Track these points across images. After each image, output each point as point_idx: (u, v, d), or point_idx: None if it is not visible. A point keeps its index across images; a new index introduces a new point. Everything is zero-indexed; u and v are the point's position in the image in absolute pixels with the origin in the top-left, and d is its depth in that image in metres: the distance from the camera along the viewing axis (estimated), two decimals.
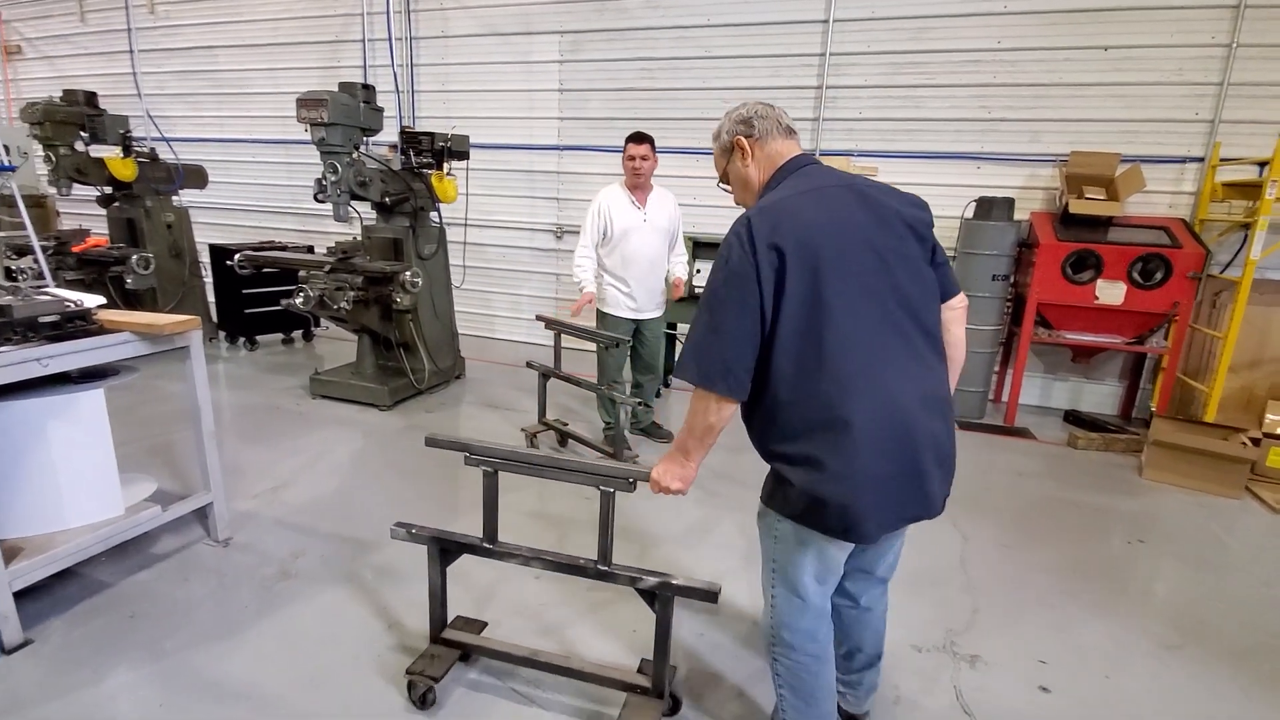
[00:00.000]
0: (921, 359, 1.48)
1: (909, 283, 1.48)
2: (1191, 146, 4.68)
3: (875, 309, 1.44)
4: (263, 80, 7.19)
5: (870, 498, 1.41)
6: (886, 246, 1.47)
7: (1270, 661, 2.35)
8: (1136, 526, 3.35)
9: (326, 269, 4.25)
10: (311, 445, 3.94)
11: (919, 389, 1.46)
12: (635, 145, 3.65)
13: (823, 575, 1.59)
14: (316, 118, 4.03)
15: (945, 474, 1.51)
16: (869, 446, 1.40)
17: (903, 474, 1.43)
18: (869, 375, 1.41)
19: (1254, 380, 4.61)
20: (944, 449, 1.50)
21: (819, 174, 1.59)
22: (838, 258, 1.43)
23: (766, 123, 1.63)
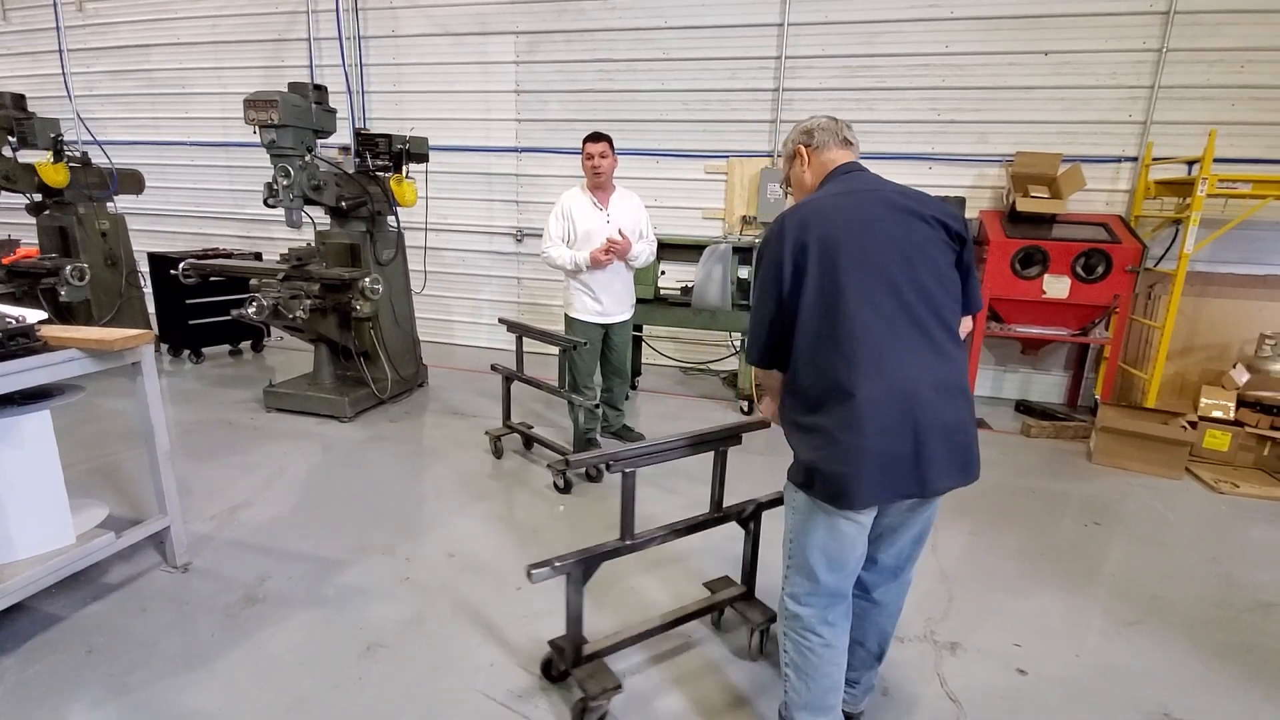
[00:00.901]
0: (939, 349, 1.56)
1: (930, 280, 1.58)
2: (1126, 147, 4.94)
3: (893, 300, 1.54)
4: (202, 80, 6.88)
5: (863, 469, 1.50)
6: (911, 244, 1.59)
7: (1222, 632, 2.49)
8: (1090, 509, 3.51)
9: (280, 276, 4.08)
10: (269, 461, 3.78)
11: (932, 376, 1.53)
12: (592, 144, 3.61)
13: (835, 555, 1.64)
14: (266, 119, 3.87)
15: (955, 459, 1.56)
16: (871, 422, 1.49)
17: (901, 452, 1.51)
18: (879, 357, 1.51)
19: (1187, 366, 4.90)
20: (956, 436, 1.55)
21: (857, 180, 1.72)
22: (859, 252, 1.56)
23: (826, 134, 1.79)
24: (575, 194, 3.75)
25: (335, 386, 4.51)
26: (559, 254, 3.70)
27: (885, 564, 1.78)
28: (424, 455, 3.98)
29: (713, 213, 5.79)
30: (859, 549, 1.66)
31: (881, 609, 1.83)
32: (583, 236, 3.68)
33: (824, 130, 1.79)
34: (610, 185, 3.76)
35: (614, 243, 3.58)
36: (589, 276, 3.73)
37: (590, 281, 3.74)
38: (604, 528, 3.14)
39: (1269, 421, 4.03)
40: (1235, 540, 3.22)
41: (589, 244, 3.68)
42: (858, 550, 1.66)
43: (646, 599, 2.60)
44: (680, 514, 2.34)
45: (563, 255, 3.69)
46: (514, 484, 3.58)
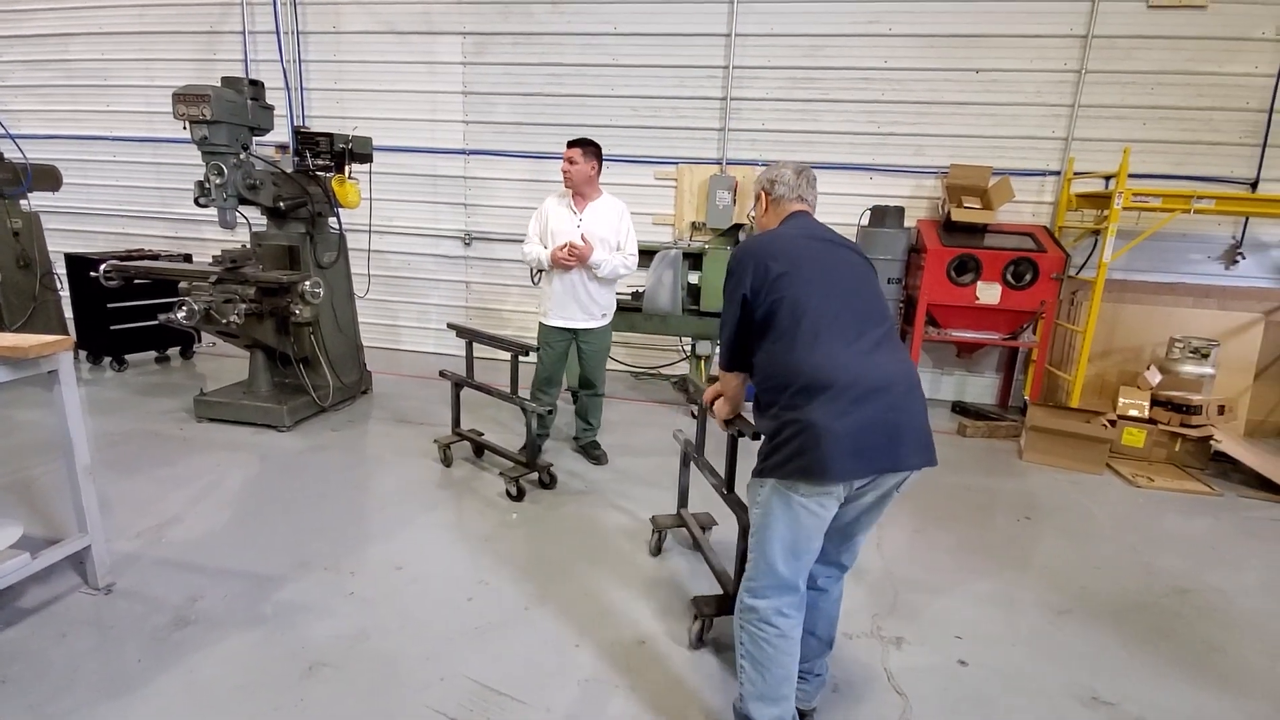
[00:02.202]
0: (890, 345, 1.79)
1: (872, 300, 1.87)
2: (1050, 161, 5.23)
3: (851, 311, 1.79)
4: (126, 72, 6.51)
5: (842, 443, 1.63)
6: (854, 272, 1.89)
7: (1143, 618, 2.66)
8: (1022, 505, 3.69)
9: (213, 279, 3.90)
10: (200, 474, 3.59)
11: (900, 372, 1.74)
12: (568, 149, 3.61)
13: (794, 547, 1.75)
14: (197, 115, 3.70)
15: (920, 443, 1.72)
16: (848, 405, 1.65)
17: (877, 434, 1.66)
18: (844, 346, 1.72)
19: (1106, 368, 5.21)
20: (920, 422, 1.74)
21: (809, 223, 2.01)
22: (821, 272, 1.83)
23: (785, 188, 2.04)
24: (554, 197, 3.77)
25: (272, 394, 4.32)
26: (530, 249, 3.73)
27: (838, 560, 1.93)
28: (369, 465, 3.86)
29: (663, 218, 5.84)
30: (815, 542, 1.76)
31: (828, 596, 1.96)
32: (551, 237, 3.66)
33: (785, 185, 2.03)
34: (594, 191, 3.69)
35: (574, 246, 3.53)
36: (556, 280, 3.68)
37: (555, 285, 3.70)
38: (559, 535, 3.12)
39: (1179, 419, 4.33)
40: (1152, 531, 3.44)
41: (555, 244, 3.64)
42: (814, 543, 1.76)
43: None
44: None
45: (533, 251, 3.70)
46: (464, 493, 3.51)
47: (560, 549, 2.99)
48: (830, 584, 1.95)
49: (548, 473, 3.56)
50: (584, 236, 3.57)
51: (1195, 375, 4.49)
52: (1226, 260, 5.18)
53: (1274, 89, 4.85)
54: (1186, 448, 4.30)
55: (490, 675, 2.15)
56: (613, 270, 3.68)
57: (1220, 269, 5.20)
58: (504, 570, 2.78)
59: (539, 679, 2.15)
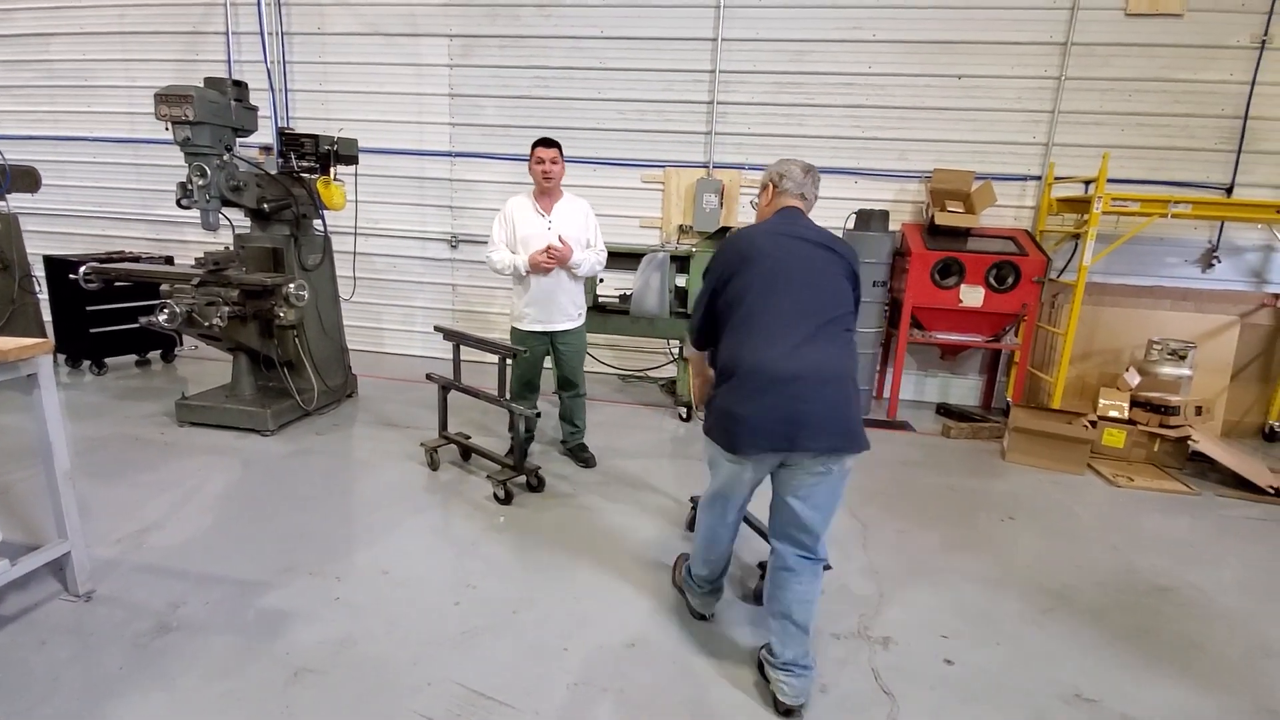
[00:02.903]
0: (823, 338, 2.00)
1: (824, 288, 2.08)
2: (1031, 166, 5.31)
3: (787, 301, 2.03)
4: (108, 72, 6.43)
5: (744, 425, 1.97)
6: (815, 269, 2.10)
7: (1124, 616, 2.70)
8: (1005, 505, 3.73)
9: (195, 282, 3.85)
10: (183, 479, 3.55)
11: (814, 361, 1.96)
12: (544, 149, 3.55)
13: (727, 485, 2.19)
14: (180, 115, 3.67)
15: (832, 428, 1.95)
16: (757, 394, 1.96)
17: (775, 416, 1.93)
18: (772, 345, 1.98)
19: (1086, 370, 5.29)
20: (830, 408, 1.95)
21: (794, 220, 2.22)
22: (777, 267, 2.07)
23: (791, 183, 2.27)
24: (520, 199, 3.69)
25: (256, 398, 4.28)
26: (499, 257, 3.63)
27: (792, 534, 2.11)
28: (354, 469, 3.83)
29: (650, 221, 5.85)
30: (742, 489, 2.18)
31: (798, 576, 2.10)
32: (521, 242, 3.61)
33: (792, 180, 2.26)
34: (558, 192, 3.68)
35: (554, 249, 3.53)
36: (533, 283, 3.64)
37: (532, 289, 3.66)
38: (547, 538, 3.11)
39: (1158, 420, 4.40)
40: (1133, 530, 3.49)
41: (527, 250, 3.60)
42: (741, 489, 2.18)
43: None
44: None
45: (504, 259, 3.62)
46: (451, 496, 3.50)
47: (548, 552, 2.99)
48: (799, 565, 2.10)
49: (535, 475, 3.55)
50: (560, 238, 3.55)
51: (1173, 377, 4.57)
52: (1203, 264, 5.29)
53: (1248, 95, 4.96)
54: (1165, 448, 4.37)
55: (478, 680, 2.14)
56: (590, 269, 3.72)
57: (1197, 272, 5.30)
58: (492, 574, 2.76)
59: (527, 683, 2.15)
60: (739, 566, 2.87)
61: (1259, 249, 5.22)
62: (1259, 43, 4.89)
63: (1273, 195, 5.03)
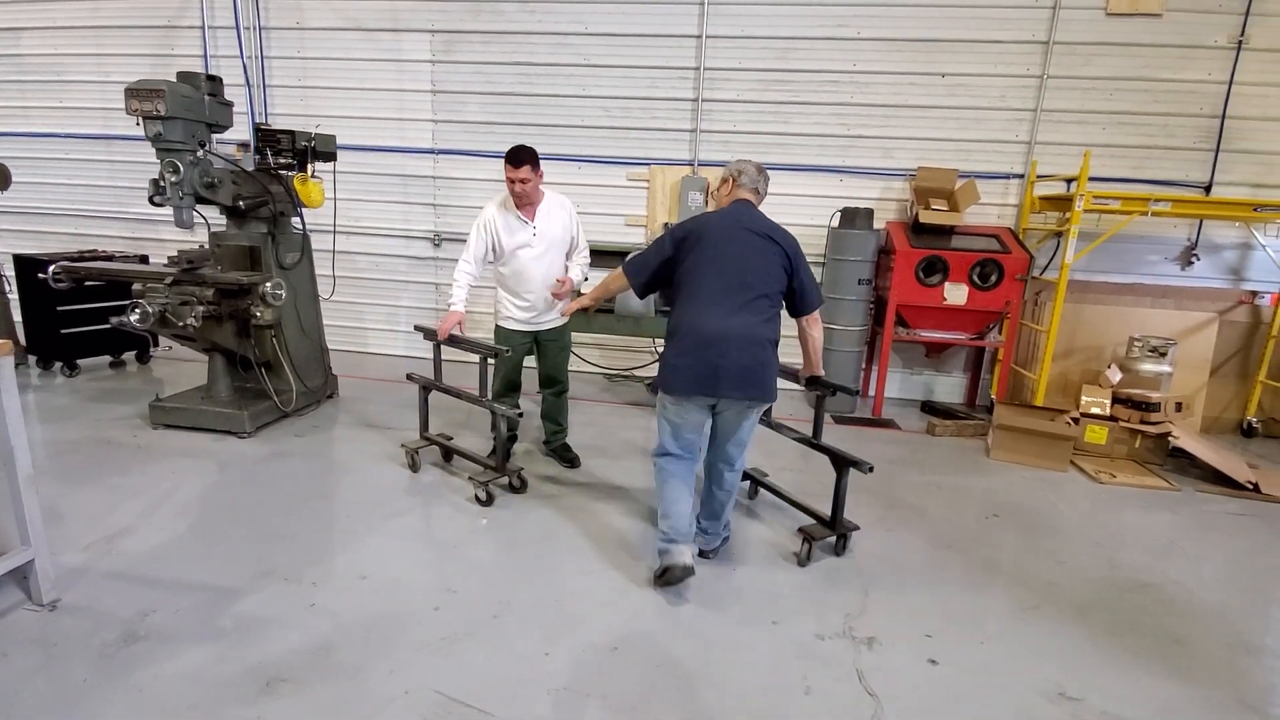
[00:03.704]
0: (744, 312, 2.53)
1: (757, 270, 2.59)
2: (1014, 164, 5.33)
3: (726, 281, 2.56)
4: (81, 67, 6.29)
5: (679, 373, 2.56)
6: (753, 251, 2.60)
7: (1107, 613, 2.70)
8: (990, 502, 3.74)
9: (169, 281, 3.76)
10: (156, 483, 3.46)
11: (738, 327, 2.51)
12: (514, 169, 3.34)
13: (676, 429, 2.70)
14: (151, 110, 3.58)
15: (746, 381, 2.51)
16: (691, 349, 2.53)
17: (704, 368, 2.50)
18: (708, 313, 2.53)
19: (1069, 367, 5.32)
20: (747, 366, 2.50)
21: (744, 211, 2.70)
22: (717, 250, 2.59)
23: (748, 179, 2.76)
24: (498, 210, 3.55)
25: (233, 399, 4.19)
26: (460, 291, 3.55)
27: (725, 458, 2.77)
28: (334, 471, 3.76)
29: (635, 219, 5.81)
30: (688, 432, 2.68)
31: (721, 480, 2.82)
32: (510, 252, 3.53)
33: (747, 177, 2.75)
34: (537, 196, 3.56)
35: (558, 294, 3.59)
36: (520, 286, 3.59)
37: (521, 290, 3.60)
38: (529, 540, 3.06)
39: (1139, 416, 4.43)
40: (1115, 526, 3.51)
41: (515, 259, 3.54)
42: (686, 433, 2.68)
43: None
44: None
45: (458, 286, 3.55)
46: (432, 499, 3.44)
47: (530, 554, 2.94)
48: (722, 471, 2.79)
49: (518, 477, 3.50)
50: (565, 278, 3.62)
51: (1154, 373, 4.61)
52: (1182, 261, 5.34)
53: (1226, 95, 5.00)
54: (1146, 444, 4.40)
55: (457, 687, 2.10)
56: (582, 273, 3.74)
57: (1177, 270, 5.35)
58: (473, 577, 2.72)
59: (508, 690, 2.10)
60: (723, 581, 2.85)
61: (1236, 247, 5.28)
62: (1236, 43, 4.94)
63: (1250, 194, 5.09)
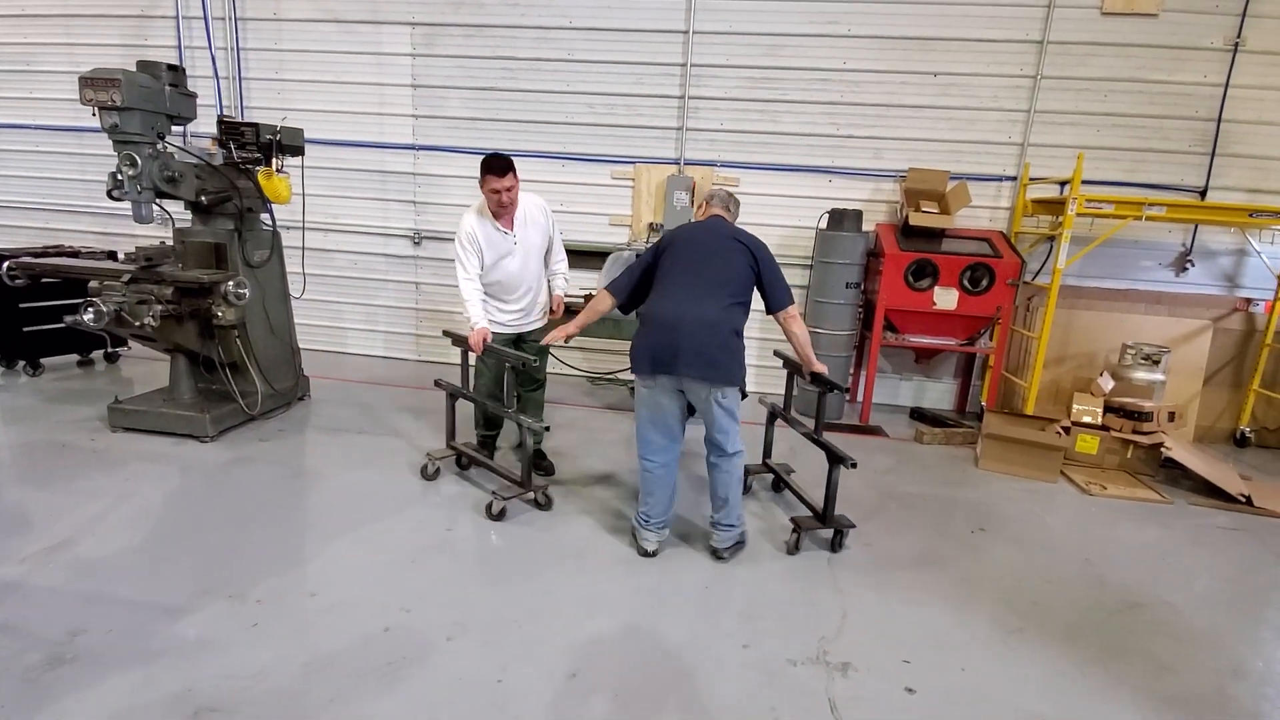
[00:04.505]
0: (704, 299, 2.77)
1: (721, 266, 2.86)
2: (1006, 166, 5.21)
3: (691, 276, 2.83)
4: (51, 57, 6.12)
5: (644, 353, 2.79)
6: (718, 254, 2.89)
7: (1095, 636, 2.58)
8: (976, 515, 3.62)
9: (126, 279, 3.61)
10: (109, 489, 3.31)
11: (696, 314, 2.74)
12: (497, 178, 3.24)
13: (652, 417, 2.89)
14: (106, 100, 3.45)
15: (702, 362, 2.71)
16: (653, 330, 2.79)
17: (666, 349, 2.72)
18: (670, 300, 2.80)
19: (1061, 374, 5.21)
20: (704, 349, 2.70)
21: (716, 222, 3.04)
22: (688, 252, 2.90)
23: (717, 201, 3.12)
24: (478, 221, 3.41)
25: (195, 402, 4.04)
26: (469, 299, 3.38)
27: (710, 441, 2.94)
28: (298, 478, 3.61)
29: (620, 219, 5.67)
30: (663, 417, 2.87)
31: (718, 469, 2.93)
32: (492, 263, 3.44)
33: (719, 199, 3.12)
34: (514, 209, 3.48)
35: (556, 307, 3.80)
36: (506, 294, 3.52)
37: (508, 298, 3.54)
38: (494, 554, 2.93)
39: (1131, 426, 4.32)
40: (1105, 541, 3.39)
41: (499, 268, 3.45)
42: (661, 417, 2.87)
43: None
44: None
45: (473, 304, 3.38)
46: (400, 508, 3.29)
47: (494, 570, 2.81)
48: (716, 461, 2.93)
49: (544, 494, 3.33)
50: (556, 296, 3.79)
51: (1147, 381, 4.49)
52: (1177, 267, 5.23)
53: (1222, 98, 4.90)
54: (1138, 454, 4.29)
55: (398, 718, 1.96)
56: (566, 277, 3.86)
57: (1171, 276, 5.24)
58: (430, 595, 2.58)
59: None
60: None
61: (1232, 253, 5.17)
62: (1232, 45, 4.83)
63: (1246, 199, 4.98)
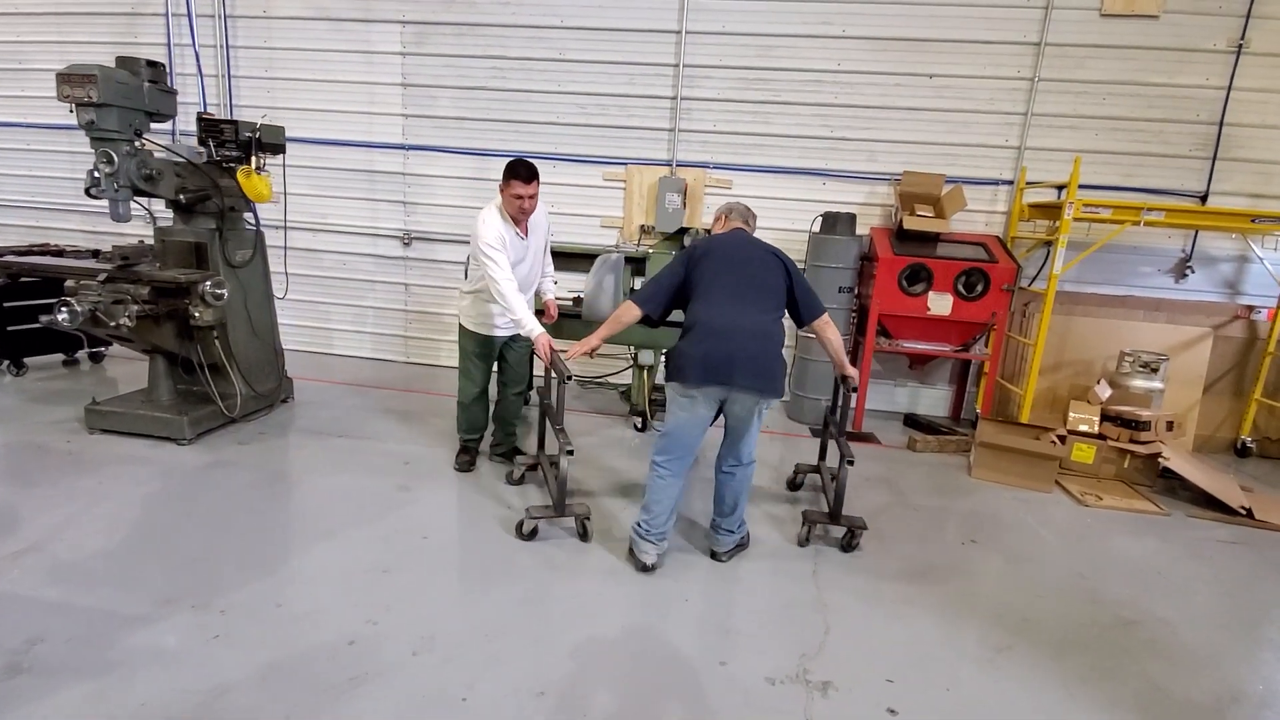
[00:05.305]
0: (754, 311, 2.73)
1: (763, 276, 2.83)
2: (1003, 170, 5.13)
3: (734, 283, 2.77)
4: (41, 55, 6.07)
5: (693, 363, 2.67)
6: (754, 262, 2.85)
7: (1084, 655, 2.49)
8: (968, 526, 3.54)
9: (102, 278, 3.54)
10: (80, 493, 3.24)
11: (747, 323, 2.69)
12: (523, 185, 3.23)
13: (685, 426, 2.78)
14: (83, 97, 3.37)
15: (757, 373, 2.65)
16: (703, 339, 2.68)
17: (718, 359, 2.63)
18: (719, 309, 2.71)
19: (1057, 381, 5.13)
20: (758, 359, 2.65)
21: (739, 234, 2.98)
22: (727, 262, 2.83)
23: (736, 215, 3.07)
24: (502, 219, 3.35)
25: (174, 404, 3.97)
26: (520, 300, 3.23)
27: (735, 454, 2.87)
28: (275, 483, 3.54)
29: (611, 221, 5.61)
30: (694, 430, 2.78)
31: (732, 478, 2.90)
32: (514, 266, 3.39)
33: (738, 212, 3.08)
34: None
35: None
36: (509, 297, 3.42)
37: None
38: (471, 563, 2.85)
39: (1128, 435, 4.23)
40: (1099, 554, 3.30)
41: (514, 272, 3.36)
42: (693, 428, 2.77)
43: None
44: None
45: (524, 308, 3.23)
46: (378, 515, 3.21)
47: (469, 578, 2.73)
48: (734, 469, 2.88)
49: (582, 524, 3.06)
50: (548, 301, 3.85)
51: (1144, 390, 4.41)
52: (1176, 274, 5.15)
53: (1224, 101, 4.82)
54: (1135, 464, 4.20)
55: None
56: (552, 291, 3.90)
57: (1170, 282, 5.16)
58: (399, 606, 2.50)
59: None
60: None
61: (1233, 259, 5.09)
62: (1236, 47, 4.75)
63: (1248, 204, 4.90)
